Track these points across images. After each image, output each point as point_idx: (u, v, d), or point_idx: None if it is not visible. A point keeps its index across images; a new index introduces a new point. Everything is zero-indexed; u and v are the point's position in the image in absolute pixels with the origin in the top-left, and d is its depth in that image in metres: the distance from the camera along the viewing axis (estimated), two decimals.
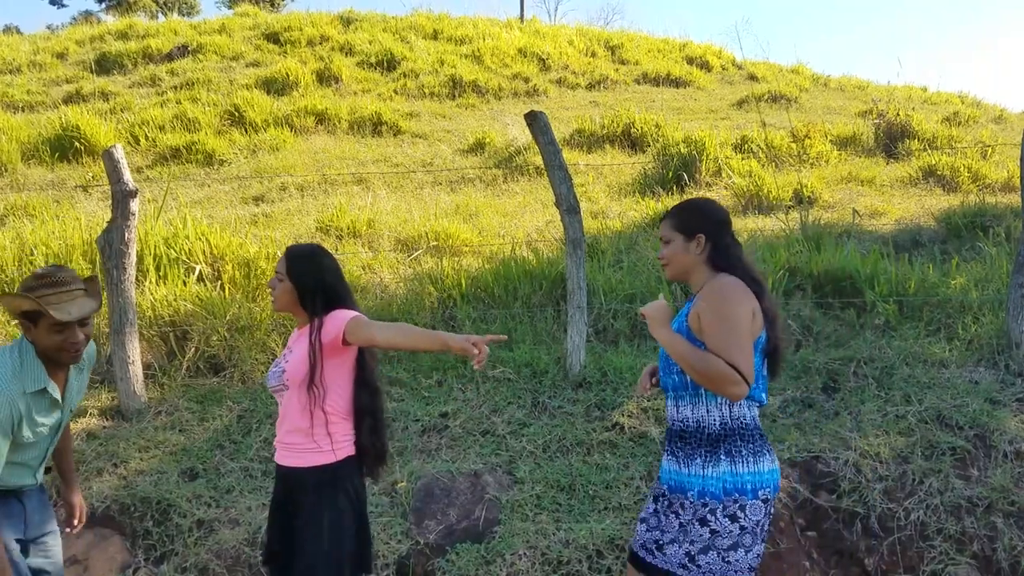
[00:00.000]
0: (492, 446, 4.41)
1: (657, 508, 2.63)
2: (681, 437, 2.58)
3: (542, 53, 16.04)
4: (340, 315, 2.73)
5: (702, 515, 2.47)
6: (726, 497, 2.46)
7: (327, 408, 2.72)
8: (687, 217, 2.66)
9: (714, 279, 2.54)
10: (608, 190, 9.26)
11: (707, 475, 2.48)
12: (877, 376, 4.73)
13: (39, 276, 2.65)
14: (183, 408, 4.79)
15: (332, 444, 2.73)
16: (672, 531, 2.54)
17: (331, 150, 10.88)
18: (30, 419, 2.61)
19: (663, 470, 2.65)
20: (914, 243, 7.08)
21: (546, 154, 4.94)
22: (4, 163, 9.92)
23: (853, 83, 16.35)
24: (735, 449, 2.50)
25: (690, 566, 2.47)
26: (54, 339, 2.62)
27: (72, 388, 2.80)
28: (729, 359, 2.38)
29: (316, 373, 2.70)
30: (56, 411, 2.73)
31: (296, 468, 2.74)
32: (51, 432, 2.75)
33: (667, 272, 2.69)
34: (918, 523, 3.82)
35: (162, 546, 3.83)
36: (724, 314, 2.43)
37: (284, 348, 2.94)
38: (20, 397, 2.57)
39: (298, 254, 2.84)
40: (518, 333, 5.44)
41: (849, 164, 10.02)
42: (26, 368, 2.62)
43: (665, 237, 2.67)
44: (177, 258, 5.97)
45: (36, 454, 2.75)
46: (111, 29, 17.20)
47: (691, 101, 14.22)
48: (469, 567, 3.65)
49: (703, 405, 2.54)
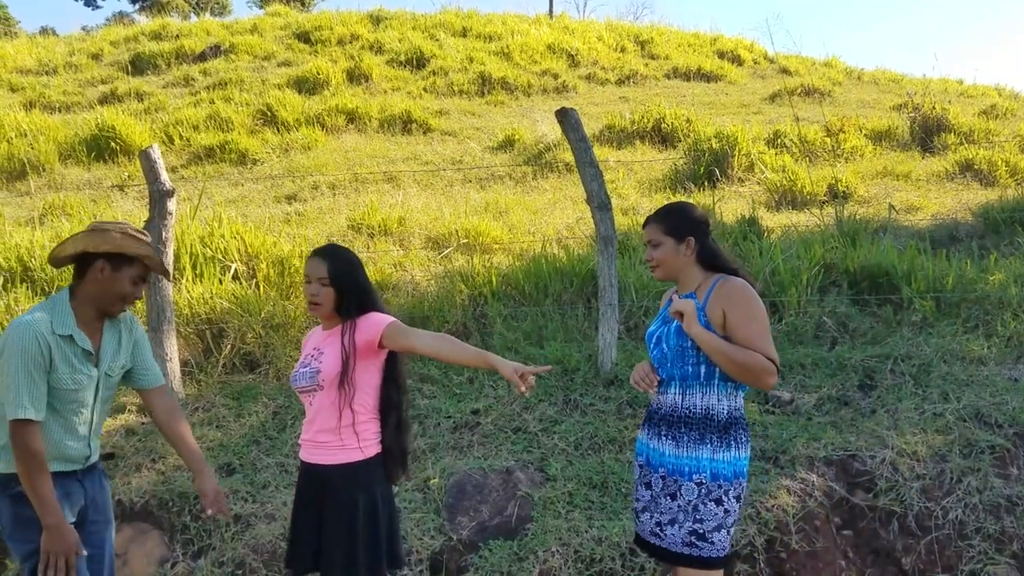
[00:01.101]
0: (524, 443, 4.42)
1: (653, 493, 2.77)
2: (686, 423, 2.73)
3: (571, 49, 15.99)
4: (377, 319, 2.76)
5: (717, 496, 2.66)
6: (735, 479, 2.68)
7: (356, 407, 2.77)
8: (676, 221, 2.82)
9: (728, 281, 2.72)
10: (638, 186, 9.22)
11: (718, 459, 2.67)
12: (914, 373, 4.67)
13: (138, 232, 2.79)
14: (219, 404, 4.86)
15: (360, 442, 2.79)
16: (670, 513, 2.72)
17: (362, 149, 10.95)
18: (66, 361, 2.65)
19: (656, 454, 2.78)
20: (951, 238, 6.98)
21: (577, 151, 4.93)
22: (42, 163, 10.10)
23: (887, 76, 16.13)
24: (740, 436, 2.72)
25: (699, 543, 2.67)
26: (126, 289, 2.74)
27: (107, 350, 2.81)
28: (764, 353, 2.61)
29: (348, 373, 2.74)
30: (91, 365, 2.75)
31: (326, 465, 2.78)
32: (93, 391, 2.76)
33: (657, 273, 2.86)
34: (956, 522, 3.77)
35: (199, 541, 3.89)
36: (754, 313, 2.65)
37: (305, 349, 2.97)
38: (49, 335, 2.62)
39: (341, 258, 2.86)
40: (549, 330, 5.44)
41: (884, 158, 9.89)
42: (56, 313, 2.68)
43: (654, 240, 2.83)
44: (213, 256, 6.05)
45: (85, 418, 2.76)
46: (145, 30, 17.44)
47: (722, 96, 14.10)
48: (502, 563, 3.66)
49: (713, 394, 2.72)
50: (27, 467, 2.56)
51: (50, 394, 2.64)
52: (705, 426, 2.70)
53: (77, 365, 2.69)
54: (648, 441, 2.84)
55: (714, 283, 2.74)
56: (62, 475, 2.72)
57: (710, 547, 2.66)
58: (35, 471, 2.56)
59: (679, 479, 2.70)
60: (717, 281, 2.74)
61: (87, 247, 2.72)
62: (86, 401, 2.75)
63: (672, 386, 2.77)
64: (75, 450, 2.76)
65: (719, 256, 2.83)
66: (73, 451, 2.75)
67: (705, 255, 2.80)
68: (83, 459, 2.80)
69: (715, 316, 2.68)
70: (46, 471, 2.59)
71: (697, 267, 2.81)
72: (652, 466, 2.80)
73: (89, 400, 2.77)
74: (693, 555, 2.67)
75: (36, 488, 2.56)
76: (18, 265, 6.09)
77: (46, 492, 2.57)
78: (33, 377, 2.57)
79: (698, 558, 2.67)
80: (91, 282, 2.72)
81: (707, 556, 2.67)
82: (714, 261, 2.81)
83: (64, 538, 2.57)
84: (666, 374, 2.79)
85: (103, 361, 2.80)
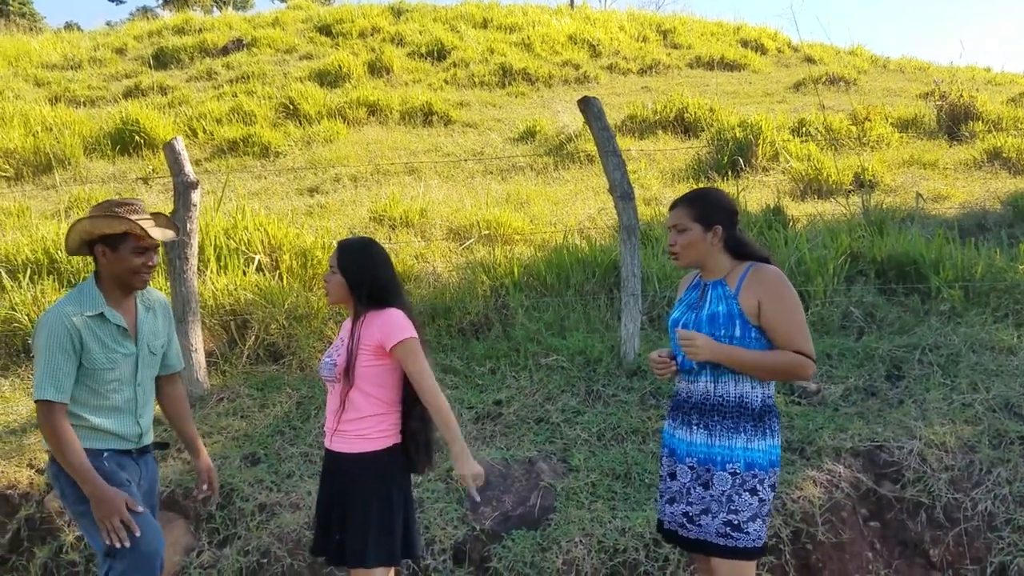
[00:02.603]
0: (546, 434, 4.41)
1: (685, 483, 2.73)
2: (719, 412, 2.69)
3: (593, 39, 15.89)
4: (397, 325, 2.79)
5: (752, 485, 2.63)
6: (769, 468, 2.66)
7: (373, 398, 2.81)
8: (706, 208, 2.75)
9: (762, 268, 2.68)
10: (661, 176, 9.16)
11: (753, 448, 2.65)
12: (942, 364, 4.61)
13: (120, 203, 2.80)
14: (244, 395, 4.89)
15: (379, 432, 2.83)
16: (702, 503, 2.68)
17: (383, 141, 10.95)
18: (98, 342, 2.72)
19: (684, 444, 2.75)
20: (979, 227, 6.87)
21: (600, 140, 4.90)
22: (67, 157, 10.19)
23: (913, 64, 15.89)
24: (774, 424, 2.69)
25: (734, 534, 2.63)
26: (134, 262, 2.77)
27: (144, 327, 2.88)
28: (797, 345, 2.59)
29: (352, 366, 2.79)
30: (128, 342, 2.82)
31: (345, 454, 2.83)
32: (132, 368, 2.83)
33: (680, 260, 2.79)
34: (985, 513, 3.72)
35: (225, 529, 3.92)
36: (790, 304, 2.63)
37: (337, 338, 3.01)
38: (77, 318, 2.68)
39: (349, 247, 2.90)
40: (571, 321, 5.42)
41: (911, 147, 9.75)
42: (84, 296, 2.76)
43: (680, 226, 2.76)
44: (237, 248, 6.09)
45: (127, 396, 2.82)
46: (168, 24, 17.53)
47: (746, 85, 13.95)
48: (525, 553, 3.66)
49: (747, 382, 2.68)
50: (56, 444, 2.65)
51: (89, 377, 2.72)
52: (739, 414, 2.66)
53: (111, 344, 2.76)
54: (675, 431, 2.80)
55: (746, 270, 2.69)
56: (117, 452, 2.81)
57: (746, 537, 2.63)
58: (64, 447, 2.64)
59: (711, 468, 2.66)
60: (749, 268, 2.69)
61: (82, 236, 2.80)
62: (124, 379, 2.81)
63: (703, 375, 2.73)
64: (123, 428, 2.82)
65: (747, 245, 2.78)
66: (121, 428, 2.81)
67: (732, 244, 2.75)
68: (136, 437, 2.87)
69: (748, 305, 2.63)
70: (76, 445, 2.66)
71: (725, 255, 2.75)
72: (678, 456, 2.77)
73: (128, 378, 2.83)
74: (729, 546, 2.64)
75: (69, 461, 2.64)
76: (44, 257, 6.17)
77: (78, 462, 2.64)
78: (58, 360, 2.64)
79: (734, 548, 2.64)
80: (102, 265, 2.80)
81: (743, 546, 2.63)
82: (742, 249, 2.75)
83: (109, 502, 2.64)
84: (694, 362, 2.73)
85: (141, 338, 2.87)
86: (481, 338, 5.42)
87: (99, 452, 2.75)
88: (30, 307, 5.52)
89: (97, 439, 2.76)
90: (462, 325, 5.55)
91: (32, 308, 5.51)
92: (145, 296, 2.94)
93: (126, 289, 2.83)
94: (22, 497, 4.14)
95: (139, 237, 2.76)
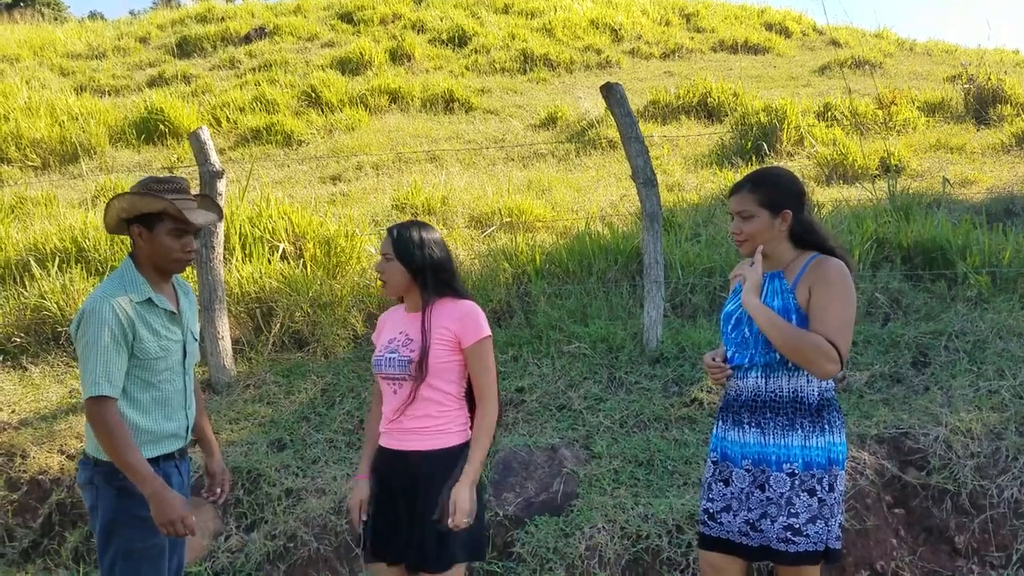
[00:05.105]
0: (569, 421, 4.42)
1: (744, 488, 2.56)
2: (772, 409, 2.53)
3: (614, 23, 15.77)
4: (477, 322, 2.70)
5: (810, 486, 2.47)
6: (829, 467, 2.48)
7: (449, 392, 2.69)
8: (773, 192, 2.55)
9: (824, 260, 2.50)
10: (684, 162, 9.11)
11: (811, 446, 2.48)
12: (969, 350, 4.56)
13: (162, 180, 2.63)
14: (270, 382, 4.94)
15: (456, 427, 2.71)
16: (760, 507, 2.52)
17: (404, 128, 10.97)
18: (149, 328, 2.58)
19: (736, 446, 2.58)
20: (1008, 212, 6.77)
21: (622, 126, 4.88)
22: (93, 146, 10.30)
23: (940, 47, 15.63)
24: (834, 419, 2.51)
25: (795, 539, 2.47)
26: (171, 245, 2.61)
27: (185, 311, 2.76)
28: (834, 339, 2.38)
29: (425, 360, 2.64)
30: (176, 327, 2.69)
31: (422, 452, 2.67)
32: (181, 355, 2.70)
33: (744, 248, 2.59)
34: (1012, 501, 3.69)
35: (252, 514, 3.98)
36: (839, 294, 2.43)
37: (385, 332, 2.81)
38: (128, 305, 2.53)
39: (403, 231, 2.73)
40: (593, 308, 5.42)
41: (938, 131, 9.61)
42: (128, 282, 2.60)
43: (746, 212, 2.55)
44: (261, 237, 6.14)
45: (178, 386, 2.70)
46: (191, 13, 17.61)
47: (770, 68, 13.81)
48: (548, 539, 3.68)
49: (802, 375, 2.51)
50: (112, 442, 2.46)
51: (141, 367, 2.57)
52: (795, 410, 2.50)
53: (161, 331, 2.62)
54: (726, 434, 2.63)
55: (807, 262, 2.52)
56: (163, 458, 2.64)
57: (806, 540, 2.46)
58: (120, 445, 2.45)
59: (766, 469, 2.51)
60: (811, 260, 2.52)
61: (119, 213, 2.63)
62: (176, 368, 2.69)
63: (753, 370, 2.57)
64: (175, 423, 2.69)
65: (815, 232, 2.57)
66: (173, 425, 2.68)
67: (798, 230, 2.55)
68: (185, 432, 2.73)
69: (803, 297, 2.47)
70: (132, 443, 2.48)
71: (788, 243, 2.57)
72: (731, 460, 2.60)
73: (179, 366, 2.70)
74: (790, 551, 2.47)
75: (127, 461, 2.45)
76: (72, 246, 6.25)
77: (137, 462, 2.46)
78: (111, 352, 2.47)
79: (795, 554, 2.47)
80: (139, 247, 2.64)
81: (804, 550, 2.47)
82: (808, 237, 2.56)
83: (170, 506, 2.46)
84: (746, 358, 2.58)
85: (186, 322, 2.75)
86: (503, 325, 5.44)
87: (154, 461, 2.59)
88: (59, 295, 5.60)
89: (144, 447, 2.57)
90: (484, 312, 5.55)
91: (61, 296, 5.59)
92: (176, 279, 2.81)
93: (165, 273, 2.68)
94: (53, 482, 4.22)
95: (176, 218, 2.58)
